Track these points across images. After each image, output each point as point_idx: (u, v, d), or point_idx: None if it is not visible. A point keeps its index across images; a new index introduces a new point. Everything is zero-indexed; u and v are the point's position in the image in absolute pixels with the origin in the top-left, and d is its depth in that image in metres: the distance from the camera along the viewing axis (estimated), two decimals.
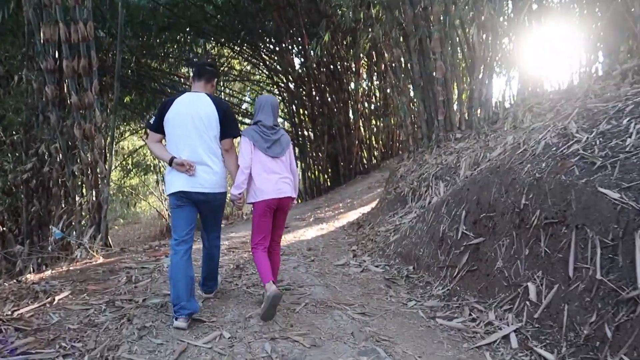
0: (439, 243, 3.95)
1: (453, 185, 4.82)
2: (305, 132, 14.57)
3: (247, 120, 16.62)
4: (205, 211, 3.23)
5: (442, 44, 6.50)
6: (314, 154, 14.18)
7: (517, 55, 6.57)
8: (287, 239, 6.12)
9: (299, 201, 15.31)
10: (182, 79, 14.99)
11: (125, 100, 11.63)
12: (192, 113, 3.05)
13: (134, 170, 20.88)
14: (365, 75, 14.26)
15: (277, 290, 3.02)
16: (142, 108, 14.45)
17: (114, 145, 14.34)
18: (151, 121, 3.30)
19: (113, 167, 20.45)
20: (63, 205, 6.40)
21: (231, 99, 17.43)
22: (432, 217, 4.32)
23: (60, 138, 6.35)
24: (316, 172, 14.40)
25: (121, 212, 23.71)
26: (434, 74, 6.54)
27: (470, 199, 3.80)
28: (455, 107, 6.88)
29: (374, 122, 14.55)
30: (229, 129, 3.18)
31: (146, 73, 12.09)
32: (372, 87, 13.91)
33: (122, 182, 22.34)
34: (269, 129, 3.22)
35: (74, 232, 5.96)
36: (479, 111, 6.48)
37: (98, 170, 6.22)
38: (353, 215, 7.52)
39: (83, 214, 6.13)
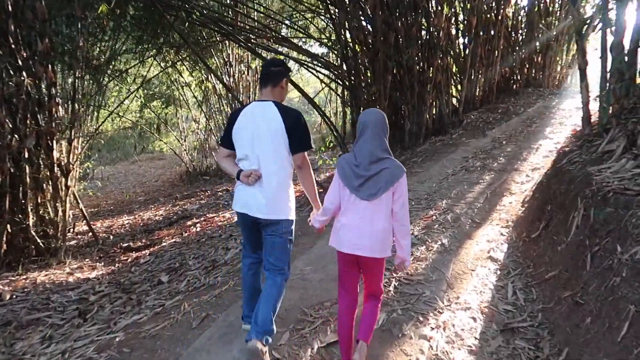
0: None
1: None
2: (360, 69, 10.44)
3: (282, 50, 12.60)
4: (263, 235, 2.77)
5: None
6: (370, 100, 10.10)
7: None
8: None
9: None
10: None
11: (100, 11, 7.71)
12: (254, 128, 2.67)
13: (149, 103, 17.69)
14: None
15: None
16: (153, 24, 10.48)
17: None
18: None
19: (129, 98, 16.68)
20: None
21: (268, 20, 13.27)
22: None
23: None
24: None
25: (140, 149, 20.51)
26: None
27: None
28: None
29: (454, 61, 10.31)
30: (298, 141, 2.67)
31: None
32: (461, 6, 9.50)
33: (142, 114, 19.18)
34: (366, 158, 2.39)
35: None
36: None
37: None
38: (474, 279, 3.69)
39: None
